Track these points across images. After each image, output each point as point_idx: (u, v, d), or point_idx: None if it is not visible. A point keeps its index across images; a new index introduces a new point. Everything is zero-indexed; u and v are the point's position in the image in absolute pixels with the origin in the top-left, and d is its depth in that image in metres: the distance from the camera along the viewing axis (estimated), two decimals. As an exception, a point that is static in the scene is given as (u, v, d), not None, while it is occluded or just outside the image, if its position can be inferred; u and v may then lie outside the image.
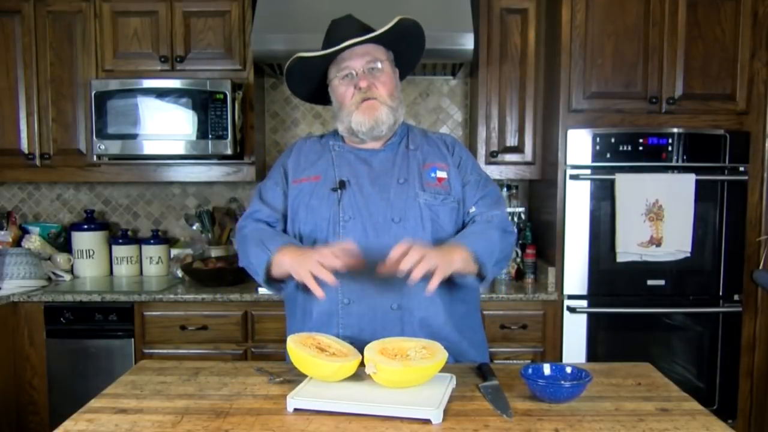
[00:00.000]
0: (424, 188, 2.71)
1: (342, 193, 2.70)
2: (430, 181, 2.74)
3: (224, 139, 4.72)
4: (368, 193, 2.70)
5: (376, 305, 2.60)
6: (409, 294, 2.61)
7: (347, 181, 2.72)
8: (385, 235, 2.63)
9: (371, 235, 2.64)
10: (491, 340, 4.39)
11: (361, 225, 2.65)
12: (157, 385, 2.40)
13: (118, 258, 5.34)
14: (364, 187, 2.71)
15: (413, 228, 2.65)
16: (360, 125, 2.70)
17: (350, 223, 2.66)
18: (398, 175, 2.73)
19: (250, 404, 2.19)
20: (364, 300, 2.61)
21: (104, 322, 4.58)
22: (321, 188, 2.74)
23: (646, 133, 4.49)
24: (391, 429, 1.97)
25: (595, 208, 4.52)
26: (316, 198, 2.72)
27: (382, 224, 2.65)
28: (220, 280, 4.79)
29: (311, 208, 2.72)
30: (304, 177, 2.79)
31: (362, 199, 2.69)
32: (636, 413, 2.11)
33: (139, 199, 5.64)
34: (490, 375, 2.41)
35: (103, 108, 4.72)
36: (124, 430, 1.98)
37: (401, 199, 2.68)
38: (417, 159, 2.79)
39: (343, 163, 2.78)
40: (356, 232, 2.64)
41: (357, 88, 2.69)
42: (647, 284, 4.57)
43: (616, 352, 4.58)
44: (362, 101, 2.68)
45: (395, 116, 2.74)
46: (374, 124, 2.70)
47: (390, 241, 2.59)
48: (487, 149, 4.99)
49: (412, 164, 2.77)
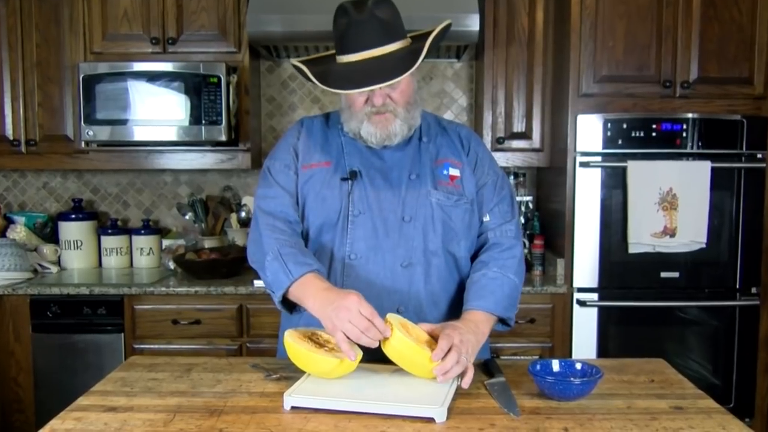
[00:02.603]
0: (436, 186, 2.69)
1: (353, 185, 2.67)
2: (442, 179, 2.71)
3: (218, 124, 4.71)
4: (379, 188, 2.68)
5: (382, 307, 2.58)
6: (418, 295, 2.63)
7: (359, 172, 2.69)
8: (395, 234, 2.63)
9: (381, 233, 2.63)
10: (497, 335, 4.38)
11: (371, 221, 2.64)
12: (147, 382, 2.40)
13: (107, 249, 5.34)
14: (375, 179, 2.69)
15: (423, 228, 2.65)
16: (370, 136, 2.64)
17: (360, 219, 2.64)
18: (410, 169, 2.71)
19: (245, 402, 2.20)
20: (370, 300, 2.58)
21: (93, 316, 4.58)
22: (332, 176, 2.70)
23: (659, 118, 4.48)
24: (393, 428, 1.97)
25: (606, 196, 4.51)
26: (327, 187, 2.69)
27: (393, 222, 2.64)
28: (214, 272, 4.78)
29: (322, 198, 2.69)
30: (315, 162, 2.74)
31: (373, 192, 2.67)
32: (649, 411, 2.11)
33: (129, 187, 5.63)
34: (496, 371, 2.41)
35: (92, 92, 4.71)
36: (113, 429, 1.98)
37: (413, 196, 2.66)
38: (429, 153, 2.76)
39: (354, 150, 2.74)
40: (365, 229, 2.63)
41: (370, 102, 2.59)
42: (660, 276, 4.57)
43: (627, 347, 4.58)
44: (374, 114, 2.60)
45: (410, 124, 2.67)
46: (386, 137, 2.63)
47: (400, 242, 2.60)
48: (493, 135, 4.98)
49: (424, 158, 2.74)
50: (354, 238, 2.63)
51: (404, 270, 2.62)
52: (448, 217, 2.67)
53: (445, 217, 2.67)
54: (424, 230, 2.64)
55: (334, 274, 2.65)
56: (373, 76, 2.48)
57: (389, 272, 2.62)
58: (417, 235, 2.62)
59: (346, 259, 2.63)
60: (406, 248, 2.62)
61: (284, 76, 5.53)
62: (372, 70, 2.50)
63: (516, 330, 4.53)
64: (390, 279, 2.61)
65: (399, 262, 2.62)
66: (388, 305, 2.59)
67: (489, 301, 2.57)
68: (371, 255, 2.62)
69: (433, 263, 2.66)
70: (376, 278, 2.61)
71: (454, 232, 2.68)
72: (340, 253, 2.65)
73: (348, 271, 2.62)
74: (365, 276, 2.61)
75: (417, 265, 2.63)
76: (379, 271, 2.61)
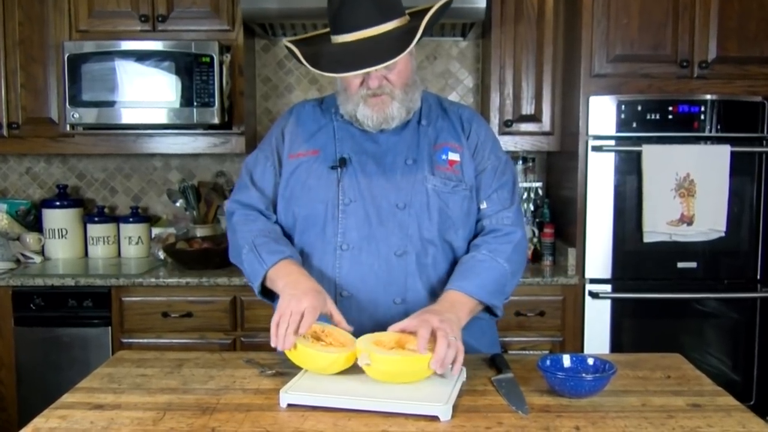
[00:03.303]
0: (434, 172, 2.68)
1: (342, 172, 2.67)
2: (440, 164, 2.70)
3: (211, 106, 4.70)
4: (372, 174, 2.67)
5: (377, 299, 2.60)
6: (414, 285, 2.63)
7: (349, 159, 2.69)
8: (389, 223, 2.63)
9: (374, 221, 2.63)
10: (505, 329, 4.40)
11: (363, 210, 2.64)
12: (136, 378, 2.40)
13: (94, 238, 5.34)
14: (367, 166, 2.68)
15: (419, 216, 2.64)
16: (367, 119, 2.64)
17: (351, 207, 2.64)
18: (407, 154, 2.70)
19: (239, 399, 2.20)
20: (365, 293, 2.61)
21: (78, 309, 4.58)
22: (319, 165, 2.71)
23: (676, 100, 4.47)
24: (394, 426, 1.97)
25: (619, 182, 4.51)
26: (313, 177, 2.70)
27: (386, 210, 2.64)
28: (207, 262, 4.78)
29: (308, 188, 2.69)
30: (302, 151, 2.76)
31: (365, 180, 2.66)
32: (665, 409, 2.11)
33: (117, 173, 5.63)
34: (504, 367, 2.41)
35: (77, 73, 4.70)
36: (100, 428, 1.98)
37: (408, 182, 2.66)
38: (428, 137, 2.75)
39: (346, 136, 2.74)
40: (357, 218, 2.63)
41: (366, 84, 2.59)
42: (677, 267, 4.57)
43: (642, 341, 4.58)
44: (370, 96, 2.60)
45: (408, 107, 2.67)
46: (383, 120, 2.63)
47: (394, 230, 2.60)
48: (501, 118, 4.97)
49: (422, 143, 2.73)
50: (346, 227, 2.63)
51: (399, 259, 2.62)
52: (445, 204, 2.66)
53: (442, 204, 2.66)
54: (419, 218, 2.63)
55: (325, 266, 2.65)
56: (366, 57, 2.47)
57: (383, 262, 2.62)
58: (412, 223, 2.62)
59: (338, 249, 2.63)
60: (400, 237, 2.62)
61: (280, 56, 5.51)
62: (366, 51, 2.49)
63: (525, 323, 4.54)
64: (384, 269, 2.61)
65: (393, 251, 2.61)
66: (383, 297, 2.61)
67: (472, 282, 2.56)
68: (364, 244, 2.62)
69: (430, 252, 2.66)
70: (370, 269, 2.61)
71: (451, 220, 2.67)
72: (331, 244, 2.65)
73: (340, 262, 2.63)
74: (358, 266, 2.62)
75: (412, 254, 2.63)
76: (372, 261, 2.61)
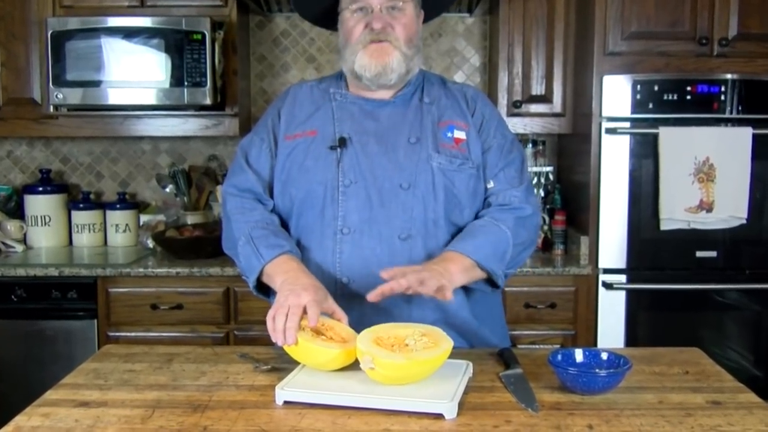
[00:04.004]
0: (438, 150, 2.68)
1: (342, 153, 2.67)
2: (446, 141, 2.71)
3: (202, 86, 4.69)
4: (373, 153, 2.68)
5: (376, 283, 2.58)
6: None
7: (348, 138, 2.69)
8: (392, 204, 2.62)
9: (376, 203, 2.63)
10: (514, 322, 4.40)
11: (365, 191, 2.64)
12: (123, 373, 2.40)
13: (79, 225, 5.34)
14: (368, 145, 2.69)
15: (424, 196, 2.64)
16: (364, 69, 2.65)
17: (352, 189, 2.64)
18: (409, 132, 2.71)
19: (232, 396, 2.19)
20: (366, 279, 2.59)
21: (62, 301, 4.58)
22: (317, 146, 2.71)
23: (694, 79, 4.46)
24: (397, 425, 1.96)
25: (635, 167, 4.51)
26: (311, 157, 2.70)
27: (389, 191, 2.63)
28: (198, 251, 4.78)
29: (305, 169, 2.70)
30: (299, 132, 2.76)
31: (366, 160, 2.67)
32: (683, 406, 2.11)
33: (103, 156, 5.63)
34: (512, 362, 2.40)
35: (62, 51, 4.69)
36: (85, 427, 1.98)
37: (412, 161, 2.66)
38: (432, 114, 2.76)
39: (345, 116, 2.75)
40: (358, 200, 2.63)
41: (369, 27, 2.63)
42: (696, 256, 4.57)
43: (659, 335, 4.58)
44: (371, 42, 2.63)
45: (409, 65, 2.69)
46: (382, 70, 2.65)
47: (397, 212, 2.59)
48: (509, 99, 4.96)
49: (425, 121, 2.74)
50: (346, 210, 2.63)
51: (403, 243, 2.62)
52: (451, 183, 2.66)
53: (448, 183, 2.66)
54: (425, 198, 2.63)
55: (325, 251, 2.65)
56: None
57: (386, 246, 2.62)
58: (417, 204, 2.62)
59: (338, 233, 2.63)
60: (404, 219, 2.62)
61: (276, 33, 5.50)
62: None
63: (535, 316, 4.54)
64: (387, 253, 2.61)
65: (397, 234, 2.61)
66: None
67: (467, 243, 2.57)
68: (365, 227, 2.61)
69: (435, 235, 2.66)
70: (372, 253, 2.61)
71: (457, 199, 2.67)
72: (331, 228, 2.65)
73: (341, 247, 2.63)
74: (359, 251, 2.61)
75: (417, 237, 2.63)
76: (375, 245, 2.61)
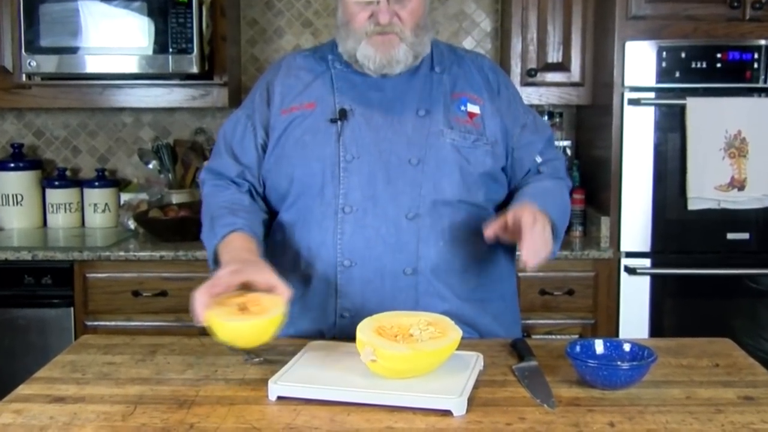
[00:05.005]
0: (451, 125, 2.68)
1: (343, 125, 2.66)
2: (459, 115, 2.70)
3: (188, 53, 4.68)
4: (378, 126, 2.67)
5: (384, 269, 2.59)
6: (428, 253, 2.61)
7: (350, 110, 2.68)
8: (399, 181, 2.61)
9: (380, 179, 2.62)
10: (528, 310, 4.39)
11: (368, 167, 2.62)
12: (103, 366, 2.40)
13: (54, 205, 5.34)
14: (373, 117, 2.68)
15: (434, 174, 2.63)
16: (368, 60, 2.64)
17: (354, 164, 2.63)
18: (418, 104, 2.70)
19: (221, 391, 2.19)
20: (370, 262, 2.60)
21: (36, 287, 4.59)
22: (316, 119, 2.70)
23: (725, 45, 4.45)
24: (401, 422, 1.96)
25: (660, 141, 4.50)
26: (309, 132, 2.69)
27: (396, 166, 2.62)
28: (184, 232, 4.76)
29: (303, 145, 2.68)
30: (296, 105, 2.75)
31: (370, 133, 2.66)
32: (712, 402, 2.10)
33: (81, 130, 5.62)
34: (527, 354, 2.40)
35: (35, 14, 4.68)
36: (61, 424, 1.98)
37: (421, 135, 2.65)
38: (443, 85, 2.75)
39: (346, 85, 2.74)
40: (362, 176, 2.62)
41: (374, 17, 2.60)
42: (727, 238, 4.57)
43: (687, 324, 4.59)
44: (376, 33, 2.61)
45: (416, 52, 2.67)
46: (386, 62, 2.63)
47: (404, 189, 2.59)
48: (523, 67, 4.95)
49: (436, 91, 2.73)
50: (348, 187, 2.62)
51: (410, 223, 2.60)
52: (466, 161, 2.65)
53: (462, 161, 2.65)
54: (435, 176, 2.62)
55: (325, 232, 2.64)
56: None
57: (392, 226, 2.60)
58: (426, 182, 2.61)
59: (339, 212, 2.62)
60: (411, 196, 2.61)
61: (268, -6, 5.49)
62: None
63: (551, 304, 4.54)
64: (393, 234, 2.60)
65: (404, 214, 2.60)
66: (390, 266, 2.60)
67: (543, 201, 2.58)
68: (369, 206, 2.60)
69: (446, 215, 2.65)
70: (377, 234, 2.60)
71: (473, 177, 2.67)
72: (331, 207, 2.63)
73: (342, 227, 2.61)
74: (362, 231, 2.60)
75: (426, 217, 2.62)
76: (379, 224, 2.60)
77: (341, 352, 2.33)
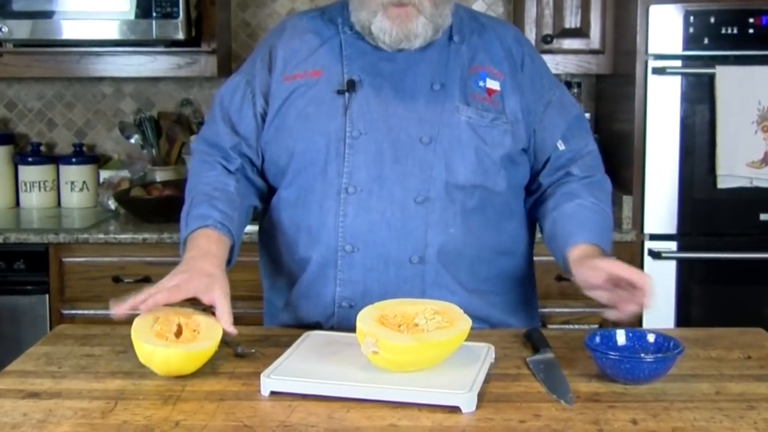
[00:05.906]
0: (468, 102, 2.66)
1: (351, 98, 2.64)
2: (476, 92, 2.68)
3: (174, 18, 4.67)
4: (388, 100, 2.65)
5: (389, 255, 2.59)
6: (436, 240, 2.61)
7: (359, 81, 2.66)
8: (408, 160, 2.60)
9: (388, 158, 2.60)
10: (544, 298, 4.36)
11: (376, 144, 2.61)
12: (81, 359, 2.40)
13: (27, 183, 5.34)
14: (383, 90, 2.66)
15: (447, 154, 2.61)
16: (383, 33, 2.60)
17: (361, 141, 2.61)
18: (433, 77, 2.67)
19: (209, 385, 2.19)
20: (374, 247, 2.60)
21: (8, 273, 4.60)
22: (321, 89, 2.68)
23: (758, 10, 4.44)
24: (405, 420, 1.96)
25: (687, 113, 4.49)
26: (313, 103, 2.67)
27: (406, 144, 2.61)
28: (168, 213, 4.69)
29: (305, 116, 2.67)
30: (300, 72, 2.72)
31: (379, 107, 2.64)
32: (744, 398, 2.10)
33: (56, 101, 5.62)
34: (542, 345, 2.40)
35: (5, -25, 4.68)
36: (35, 422, 1.97)
37: (435, 112, 2.63)
38: (461, 57, 2.72)
39: (356, 53, 2.71)
40: (368, 154, 2.61)
41: None
42: (760, 219, 4.56)
43: (716, 313, 4.59)
44: (393, 5, 2.57)
45: (436, 25, 2.63)
46: (404, 37, 2.60)
47: (414, 170, 2.58)
48: (539, 33, 4.94)
49: (453, 64, 2.70)
50: (353, 165, 2.60)
51: (419, 207, 2.59)
52: (482, 141, 2.63)
53: (479, 142, 2.63)
54: (448, 156, 2.61)
55: (326, 213, 2.63)
56: None
57: (398, 209, 2.59)
58: (437, 163, 2.59)
59: (343, 192, 2.61)
60: (421, 178, 2.59)
61: (260, -47, 5.48)
62: None
63: (568, 291, 4.52)
64: (400, 218, 2.59)
65: (412, 197, 2.59)
66: (396, 253, 2.59)
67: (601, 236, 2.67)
68: (375, 187, 2.59)
69: (459, 200, 2.63)
70: (381, 217, 2.59)
71: (490, 159, 2.64)
72: (334, 186, 2.62)
73: (345, 209, 2.60)
74: (366, 214, 2.59)
75: (435, 201, 2.60)
76: (385, 207, 2.59)
77: (340, 344, 2.32)
